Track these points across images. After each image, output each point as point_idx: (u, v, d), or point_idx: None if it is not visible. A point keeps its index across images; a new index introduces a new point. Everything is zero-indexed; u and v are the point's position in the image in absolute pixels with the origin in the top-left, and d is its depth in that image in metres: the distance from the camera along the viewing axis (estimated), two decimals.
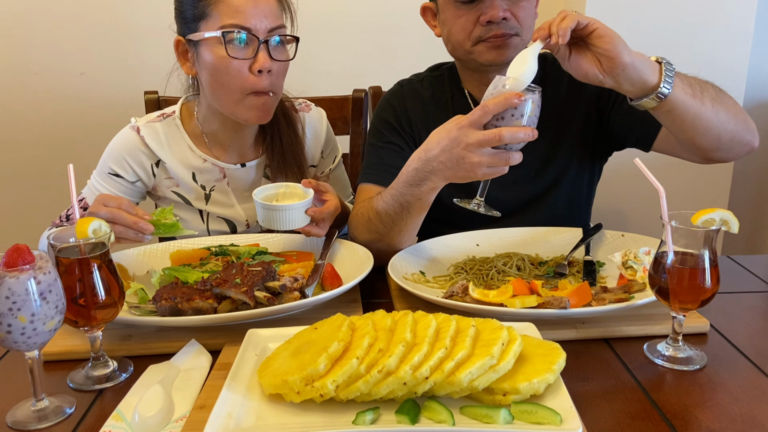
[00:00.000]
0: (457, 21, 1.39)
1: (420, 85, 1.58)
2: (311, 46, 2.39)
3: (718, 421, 0.85)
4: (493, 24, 1.35)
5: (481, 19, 1.35)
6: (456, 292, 1.13)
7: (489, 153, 1.12)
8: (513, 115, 1.10)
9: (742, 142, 1.29)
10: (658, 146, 1.43)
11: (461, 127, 1.13)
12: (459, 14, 1.38)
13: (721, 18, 2.38)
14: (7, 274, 0.82)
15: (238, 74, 1.36)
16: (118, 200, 1.22)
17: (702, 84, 1.23)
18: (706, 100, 1.21)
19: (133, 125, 1.52)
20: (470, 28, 1.37)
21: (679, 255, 0.96)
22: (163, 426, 0.85)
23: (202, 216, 1.55)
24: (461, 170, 1.15)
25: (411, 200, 1.25)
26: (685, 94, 1.18)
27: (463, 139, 1.12)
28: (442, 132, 1.17)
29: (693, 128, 1.23)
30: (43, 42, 2.53)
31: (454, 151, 1.14)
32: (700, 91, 1.21)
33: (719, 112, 1.23)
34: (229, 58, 1.34)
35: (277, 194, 1.36)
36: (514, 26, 1.37)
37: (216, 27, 1.34)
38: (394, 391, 0.80)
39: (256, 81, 1.37)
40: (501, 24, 1.35)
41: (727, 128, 1.25)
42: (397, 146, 1.50)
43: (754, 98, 2.62)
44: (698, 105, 1.20)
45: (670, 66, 1.17)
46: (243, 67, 1.36)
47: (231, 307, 1.10)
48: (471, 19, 1.37)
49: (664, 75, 1.15)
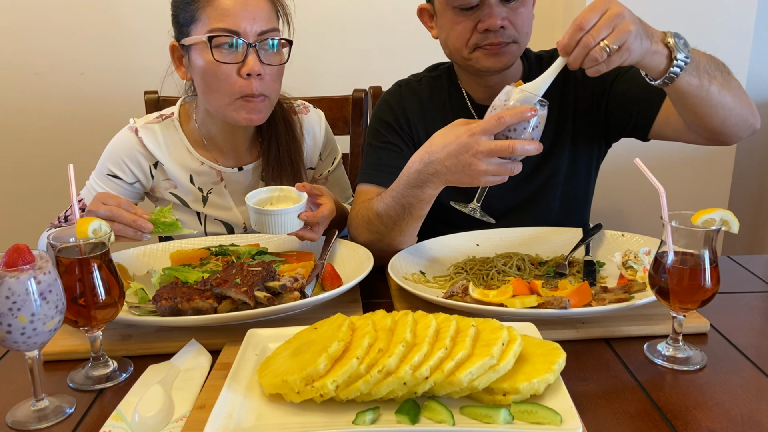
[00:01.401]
0: (455, 27, 1.38)
1: (418, 85, 1.58)
2: (311, 47, 2.40)
3: (718, 421, 0.85)
4: (490, 32, 1.35)
5: (479, 27, 1.35)
6: (456, 292, 1.13)
7: (496, 162, 1.13)
8: (525, 128, 1.11)
9: (746, 124, 1.30)
10: (657, 132, 1.42)
11: (473, 134, 1.13)
12: (457, 21, 1.37)
13: (721, 18, 2.38)
14: (7, 274, 0.82)
15: (227, 78, 1.35)
16: (117, 199, 1.22)
17: (711, 68, 1.21)
18: (714, 87, 1.20)
19: (132, 126, 1.52)
20: (467, 35, 1.37)
21: (679, 255, 0.96)
22: (163, 426, 0.85)
23: (199, 218, 1.55)
24: (465, 176, 1.15)
25: (412, 201, 1.25)
26: (690, 85, 1.17)
27: (473, 147, 1.12)
28: (450, 136, 1.17)
29: (698, 111, 1.24)
30: (43, 42, 2.53)
31: (462, 157, 1.14)
32: (708, 79, 1.19)
33: (725, 97, 1.23)
34: (217, 62, 1.33)
35: (271, 198, 1.35)
36: (512, 34, 1.36)
37: (204, 31, 1.34)
38: (394, 391, 0.80)
39: (245, 85, 1.35)
40: (498, 32, 1.35)
41: (733, 112, 1.26)
42: (395, 146, 1.51)
43: (754, 98, 2.59)
44: (704, 92, 1.20)
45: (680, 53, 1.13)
46: (232, 71, 1.35)
47: (231, 307, 1.10)
48: (468, 27, 1.36)
49: (673, 65, 1.13)
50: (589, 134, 1.52)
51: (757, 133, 1.38)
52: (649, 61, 1.12)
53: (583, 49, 1.06)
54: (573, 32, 1.06)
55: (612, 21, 1.05)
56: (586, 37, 1.05)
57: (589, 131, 1.52)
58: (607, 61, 1.06)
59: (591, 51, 1.05)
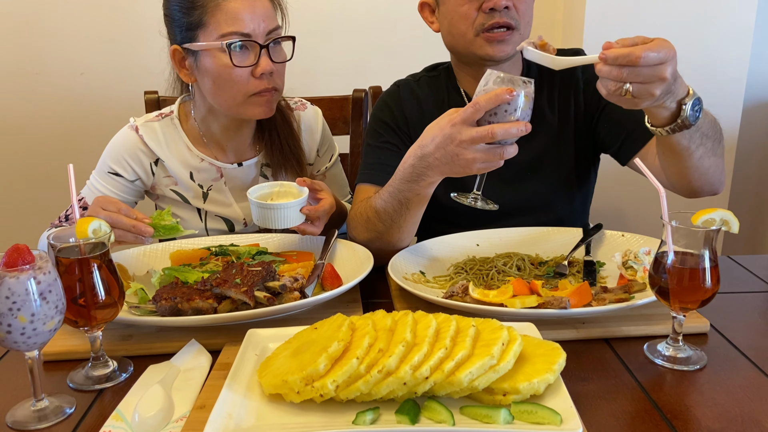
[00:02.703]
0: (459, 9, 1.40)
1: (416, 85, 1.58)
2: (311, 47, 2.40)
3: (718, 421, 0.85)
4: (495, 12, 1.36)
5: (484, 6, 1.36)
6: (456, 292, 1.13)
7: (483, 149, 1.12)
8: (506, 110, 1.09)
9: (710, 188, 1.34)
10: (632, 164, 1.45)
11: (454, 124, 1.13)
12: (461, 2, 1.39)
13: (721, 18, 2.38)
14: (7, 274, 0.82)
15: (241, 80, 1.37)
16: (116, 204, 1.22)
17: (708, 134, 1.22)
18: (699, 152, 1.22)
19: (132, 125, 1.53)
20: (473, 15, 1.38)
21: (679, 255, 0.96)
22: (163, 426, 0.85)
23: (200, 214, 1.56)
24: (456, 166, 1.15)
25: (409, 196, 1.25)
26: (679, 144, 1.19)
27: (456, 137, 1.12)
28: (436, 128, 1.17)
29: (673, 164, 1.27)
30: (43, 42, 2.54)
31: (449, 149, 1.14)
32: (698, 145, 1.21)
33: (705, 162, 1.25)
34: (233, 66, 1.35)
35: (272, 193, 1.37)
36: (514, 17, 1.38)
37: (216, 35, 1.35)
38: (394, 391, 0.80)
39: (259, 84, 1.38)
40: (503, 12, 1.36)
41: (704, 177, 1.29)
42: (394, 146, 1.51)
43: (754, 98, 2.62)
44: (688, 153, 1.22)
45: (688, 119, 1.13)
46: (246, 73, 1.37)
47: (231, 307, 1.10)
48: (474, 6, 1.38)
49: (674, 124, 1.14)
50: (586, 139, 1.53)
51: (757, 133, 1.38)
52: (656, 110, 1.13)
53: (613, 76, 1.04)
54: (626, 55, 1.01)
55: (653, 78, 1.03)
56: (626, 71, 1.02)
57: (586, 136, 1.53)
58: (618, 98, 1.07)
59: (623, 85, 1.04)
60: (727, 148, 2.51)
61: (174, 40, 1.42)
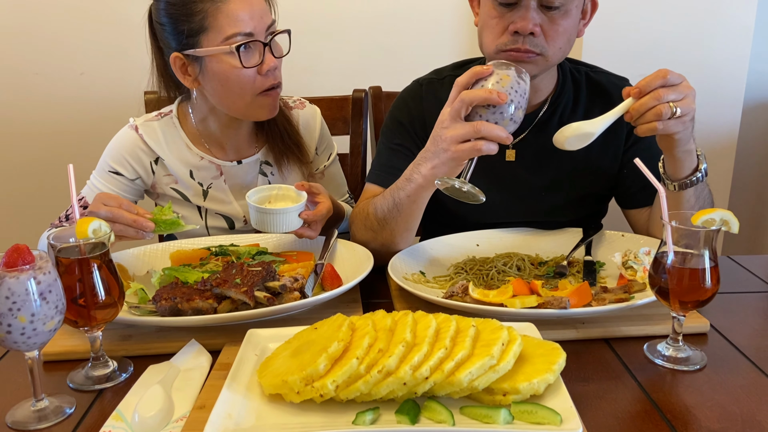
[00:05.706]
0: (490, 22, 1.32)
1: (440, 85, 1.52)
2: (311, 46, 2.40)
3: (718, 421, 0.85)
4: (519, 36, 1.28)
5: (510, 28, 1.28)
6: (456, 292, 1.13)
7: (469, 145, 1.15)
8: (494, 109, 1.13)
9: None
10: (630, 216, 1.51)
11: (442, 120, 1.18)
12: (493, 15, 1.31)
13: (721, 18, 2.38)
14: (7, 274, 0.82)
15: (249, 80, 1.38)
16: (117, 200, 1.23)
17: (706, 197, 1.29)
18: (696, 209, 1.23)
19: (132, 124, 1.53)
20: (499, 33, 1.31)
21: (679, 255, 0.96)
22: (163, 426, 0.85)
23: (200, 212, 1.56)
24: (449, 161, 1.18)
25: (402, 196, 1.27)
26: (687, 201, 1.25)
27: (443, 133, 1.16)
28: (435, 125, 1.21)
29: None
30: (43, 42, 2.53)
31: (440, 145, 1.18)
32: (701, 204, 1.27)
33: None
34: (242, 68, 1.35)
35: (270, 196, 1.37)
36: (540, 44, 1.28)
37: (220, 39, 1.35)
38: (394, 391, 0.80)
39: (265, 81, 1.40)
40: (527, 39, 1.27)
41: None
42: (406, 149, 1.47)
43: (754, 98, 2.62)
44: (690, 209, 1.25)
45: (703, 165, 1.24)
46: (253, 72, 1.38)
47: (231, 307, 1.10)
48: (501, 25, 1.30)
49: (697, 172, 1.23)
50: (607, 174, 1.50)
51: (757, 133, 1.39)
52: (682, 156, 1.19)
53: (654, 99, 1.09)
54: (653, 79, 1.10)
55: (685, 91, 1.11)
56: (662, 89, 1.09)
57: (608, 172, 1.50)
58: (666, 122, 1.10)
59: (659, 105, 1.09)
60: (727, 148, 2.52)
61: (169, 47, 1.41)
